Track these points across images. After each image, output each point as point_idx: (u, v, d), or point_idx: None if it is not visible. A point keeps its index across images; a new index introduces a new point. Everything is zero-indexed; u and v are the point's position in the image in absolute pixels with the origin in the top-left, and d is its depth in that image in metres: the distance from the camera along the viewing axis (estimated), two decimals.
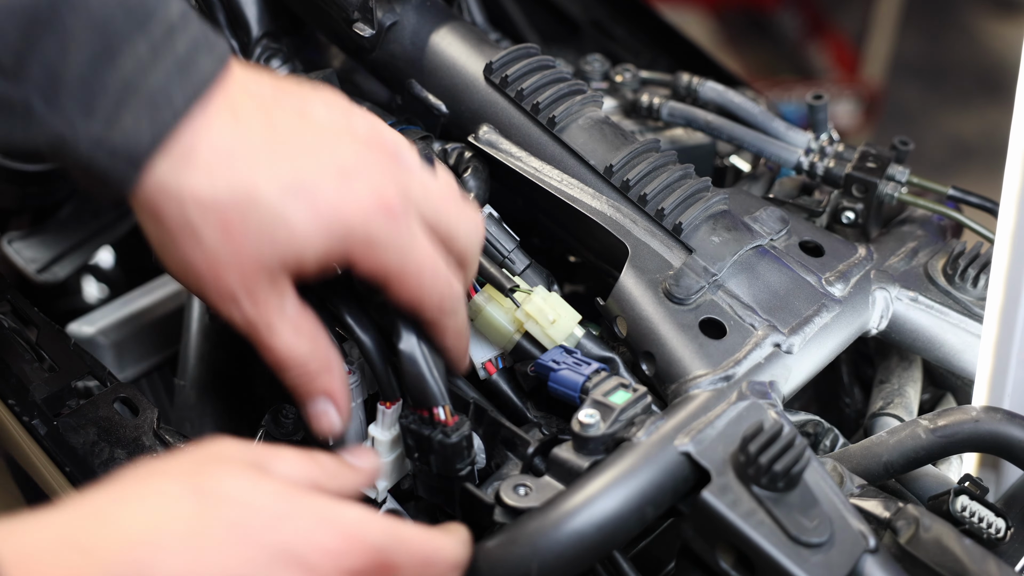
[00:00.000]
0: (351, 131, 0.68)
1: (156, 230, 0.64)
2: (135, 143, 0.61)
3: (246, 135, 0.63)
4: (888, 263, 0.92)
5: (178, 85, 0.62)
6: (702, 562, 0.70)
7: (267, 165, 0.63)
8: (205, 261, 0.63)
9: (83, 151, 0.61)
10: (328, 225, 0.63)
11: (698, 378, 0.77)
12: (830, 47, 3.47)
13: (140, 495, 0.57)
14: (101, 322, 1.16)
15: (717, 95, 1.08)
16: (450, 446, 0.72)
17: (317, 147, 0.65)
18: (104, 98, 0.60)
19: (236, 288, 0.64)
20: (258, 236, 0.62)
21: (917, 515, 0.73)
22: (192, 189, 0.62)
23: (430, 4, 0.96)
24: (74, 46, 0.60)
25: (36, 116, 0.60)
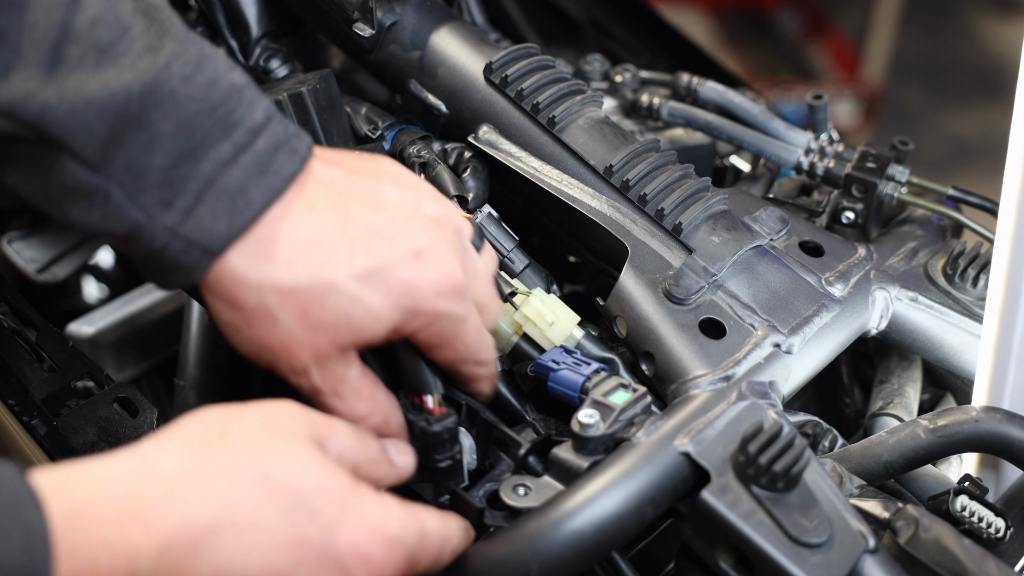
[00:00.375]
0: (421, 212, 0.71)
1: (230, 314, 0.67)
2: (210, 235, 0.64)
3: (322, 226, 0.67)
4: (888, 263, 0.92)
5: (256, 184, 0.65)
6: (702, 562, 0.70)
7: (344, 253, 0.66)
8: (280, 342, 0.67)
9: (158, 240, 0.64)
10: (401, 304, 0.67)
11: (698, 378, 0.77)
12: (830, 47, 3.47)
13: (209, 472, 0.59)
14: (101, 322, 1.16)
15: (717, 95, 1.08)
16: (431, 434, 0.72)
17: (390, 231, 0.68)
18: (184, 193, 0.63)
19: (309, 364, 0.68)
20: (335, 320, 0.66)
21: (917, 515, 0.73)
22: (271, 278, 0.65)
23: (430, 4, 0.96)
24: (159, 145, 0.63)
25: (114, 205, 0.63)
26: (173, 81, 0.62)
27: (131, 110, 0.61)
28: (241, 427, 0.62)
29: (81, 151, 0.61)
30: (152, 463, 0.58)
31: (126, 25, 0.62)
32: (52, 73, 0.60)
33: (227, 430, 0.61)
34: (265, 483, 0.59)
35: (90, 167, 0.62)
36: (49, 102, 0.60)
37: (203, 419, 0.62)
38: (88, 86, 0.60)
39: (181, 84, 0.63)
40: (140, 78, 0.61)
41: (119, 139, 0.62)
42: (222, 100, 0.64)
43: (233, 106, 0.65)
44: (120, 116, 0.61)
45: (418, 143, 0.91)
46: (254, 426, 0.62)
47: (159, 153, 0.63)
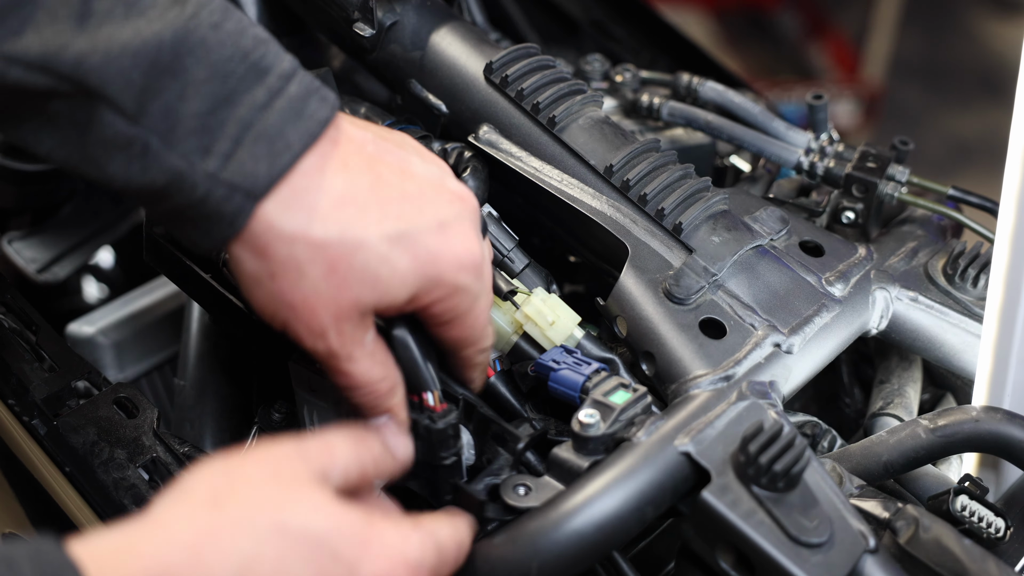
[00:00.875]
0: (446, 186, 0.72)
1: (255, 264, 0.66)
2: (252, 179, 0.64)
3: (355, 184, 0.67)
4: (888, 263, 0.92)
5: (293, 126, 0.65)
6: (702, 562, 0.70)
7: (375, 213, 0.67)
8: (303, 298, 0.66)
9: (199, 187, 0.63)
10: (424, 271, 0.68)
11: (698, 378, 0.77)
12: (830, 47, 3.48)
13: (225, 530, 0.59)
14: (101, 322, 1.16)
15: (717, 95, 1.08)
16: (435, 432, 0.72)
17: (419, 200, 0.69)
18: (222, 138, 0.63)
19: (327, 324, 0.67)
20: (361, 278, 0.66)
21: (917, 515, 0.73)
22: (305, 230, 0.65)
23: (430, 4, 0.96)
24: (194, 91, 0.63)
25: (153, 154, 0.63)
26: (203, 28, 0.63)
27: (164, 57, 0.62)
28: (247, 480, 0.62)
29: (118, 100, 0.61)
30: (170, 530, 0.58)
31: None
32: (83, 25, 0.60)
33: (233, 484, 0.61)
34: (283, 533, 0.59)
35: (127, 117, 0.62)
36: (83, 52, 0.60)
37: (206, 477, 0.62)
38: (120, 35, 0.60)
39: (211, 31, 0.63)
40: (170, 26, 0.62)
41: (154, 87, 0.62)
42: (252, 47, 0.65)
43: (263, 52, 0.65)
44: (154, 64, 0.61)
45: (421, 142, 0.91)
46: (258, 477, 0.62)
47: (194, 99, 0.63)
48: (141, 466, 0.82)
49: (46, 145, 0.64)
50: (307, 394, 0.79)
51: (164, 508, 0.60)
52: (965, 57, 3.62)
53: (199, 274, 0.85)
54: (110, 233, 1.31)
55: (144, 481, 0.81)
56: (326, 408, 0.79)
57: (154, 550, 0.57)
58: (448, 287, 0.69)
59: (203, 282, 0.85)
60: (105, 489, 0.80)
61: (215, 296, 0.84)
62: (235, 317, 0.84)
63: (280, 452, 0.64)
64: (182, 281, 0.88)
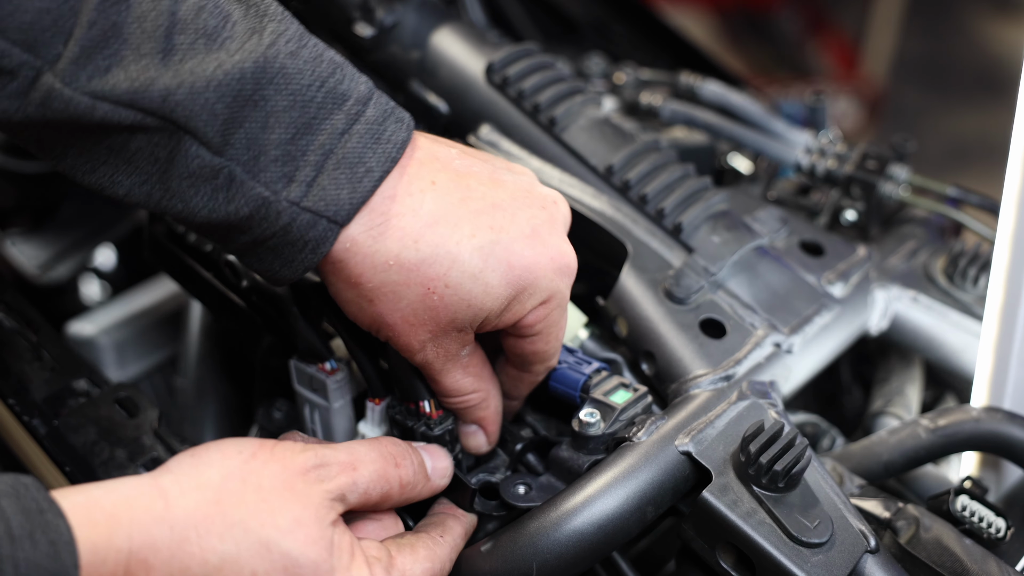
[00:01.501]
0: (537, 192, 0.72)
1: (352, 293, 0.67)
2: (335, 205, 0.64)
3: (445, 200, 0.67)
4: (888, 263, 0.92)
5: (372, 152, 0.66)
6: (702, 562, 0.70)
7: (467, 227, 0.67)
8: (402, 319, 0.67)
9: (283, 215, 0.64)
10: (519, 279, 0.68)
11: (698, 378, 0.77)
12: (830, 47, 3.47)
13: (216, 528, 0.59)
14: (101, 322, 1.16)
15: (717, 95, 1.08)
16: (433, 439, 0.72)
17: (511, 207, 0.69)
18: (304, 165, 0.64)
19: (427, 341, 0.69)
20: (457, 298, 0.67)
21: (917, 515, 0.73)
22: (397, 254, 0.66)
23: (430, 4, 0.96)
24: (275, 120, 0.64)
25: (237, 184, 0.64)
26: (281, 57, 0.64)
27: (246, 88, 0.62)
28: (259, 483, 0.62)
29: (203, 133, 0.62)
30: (170, 507, 0.59)
31: (226, 11, 0.64)
32: (167, 61, 0.61)
33: (245, 484, 0.62)
34: (266, 550, 0.60)
35: (212, 149, 0.63)
36: (169, 87, 0.61)
37: (226, 464, 0.62)
38: (203, 68, 0.61)
39: (289, 59, 0.64)
40: (250, 57, 0.62)
41: (238, 118, 0.63)
42: (329, 73, 0.65)
43: (340, 78, 0.66)
44: (237, 95, 0.62)
45: None
46: (270, 486, 0.62)
47: (276, 128, 0.64)
48: (141, 466, 0.82)
49: (124, 186, 0.65)
50: (309, 392, 0.79)
51: (174, 482, 0.61)
52: (965, 57, 3.62)
53: (200, 273, 0.85)
54: (110, 232, 1.32)
55: None
56: (327, 407, 0.79)
57: (148, 522, 0.58)
58: (543, 294, 0.69)
59: (205, 280, 0.85)
60: None
61: (216, 294, 0.84)
62: (236, 315, 0.84)
63: (301, 463, 0.64)
64: (184, 279, 0.88)
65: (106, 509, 0.57)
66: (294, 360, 0.79)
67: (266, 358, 0.85)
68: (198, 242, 0.85)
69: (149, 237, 0.89)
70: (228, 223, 0.65)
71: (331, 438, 0.80)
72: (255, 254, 0.67)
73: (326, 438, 0.81)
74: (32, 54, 0.59)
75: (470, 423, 0.74)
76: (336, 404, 0.79)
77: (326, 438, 0.81)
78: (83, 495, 0.57)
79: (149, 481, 0.60)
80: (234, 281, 0.82)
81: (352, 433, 0.80)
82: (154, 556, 0.57)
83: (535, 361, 0.73)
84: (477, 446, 0.75)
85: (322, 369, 0.78)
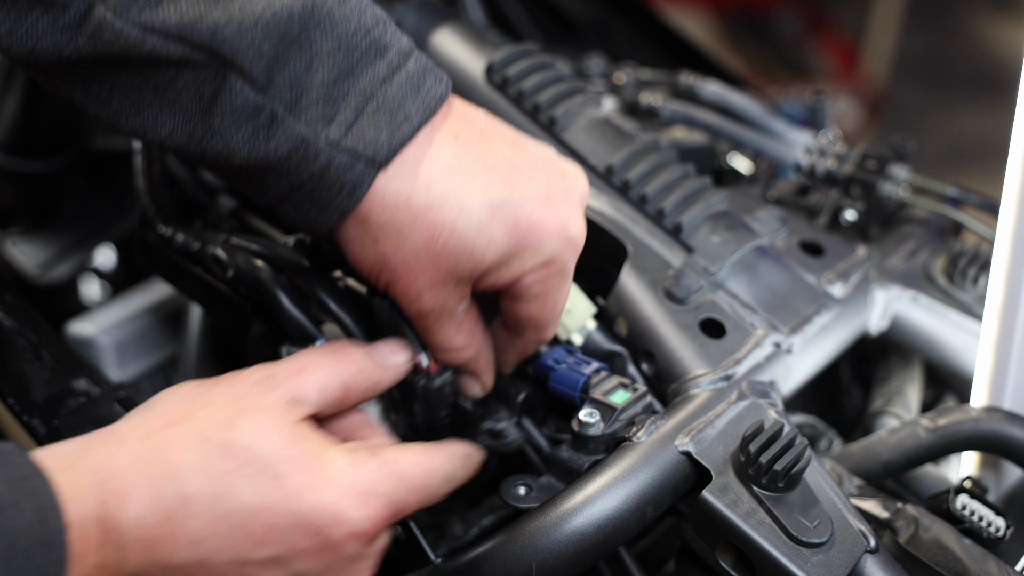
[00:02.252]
0: (559, 162, 0.73)
1: (358, 230, 0.68)
2: (374, 146, 0.65)
3: (465, 153, 0.68)
4: (888, 263, 0.92)
5: (412, 100, 0.67)
6: (702, 562, 0.70)
7: (481, 180, 0.68)
8: (404, 262, 0.68)
9: (322, 155, 0.65)
10: (522, 238, 0.68)
11: (698, 377, 0.77)
12: (830, 47, 3.48)
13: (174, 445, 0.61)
14: (101, 322, 1.16)
15: (717, 95, 1.08)
16: (433, 391, 0.73)
17: (529, 171, 0.70)
18: (344, 108, 0.65)
19: (424, 288, 0.69)
20: (460, 247, 0.67)
21: (917, 515, 0.73)
22: (408, 196, 0.66)
23: (430, 4, 0.96)
24: (319, 62, 0.65)
25: (279, 122, 0.64)
26: (329, 3, 0.65)
27: (293, 29, 0.63)
28: (208, 403, 0.63)
29: (249, 70, 0.63)
30: (124, 441, 0.61)
31: None
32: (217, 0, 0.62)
33: (195, 404, 0.63)
34: (228, 451, 0.61)
35: (257, 87, 0.64)
36: (218, 22, 0.62)
37: (173, 394, 0.65)
38: (252, 7, 0.62)
39: (337, 5, 0.65)
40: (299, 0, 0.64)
41: (283, 57, 0.64)
42: (373, 23, 0.66)
43: (383, 29, 0.67)
44: (284, 35, 0.63)
45: None
46: (220, 401, 0.64)
47: (320, 70, 0.65)
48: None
49: (167, 127, 0.66)
50: None
51: (125, 422, 0.63)
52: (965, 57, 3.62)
53: (190, 269, 0.85)
54: (110, 232, 1.32)
55: None
56: None
57: (106, 456, 0.59)
58: (544, 256, 0.69)
59: (195, 276, 0.85)
60: None
61: (207, 288, 0.85)
62: (226, 305, 0.84)
63: (248, 378, 0.66)
64: (175, 278, 0.89)
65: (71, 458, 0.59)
66: (285, 345, 0.80)
67: (257, 347, 0.85)
68: (186, 243, 0.85)
69: (140, 243, 0.89)
70: (267, 163, 0.66)
71: None
72: (291, 200, 0.68)
73: None
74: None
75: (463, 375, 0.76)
76: None
77: None
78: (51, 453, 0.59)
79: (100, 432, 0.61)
80: (220, 273, 0.83)
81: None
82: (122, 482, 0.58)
83: (528, 326, 0.73)
84: (471, 391, 0.76)
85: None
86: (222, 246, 0.82)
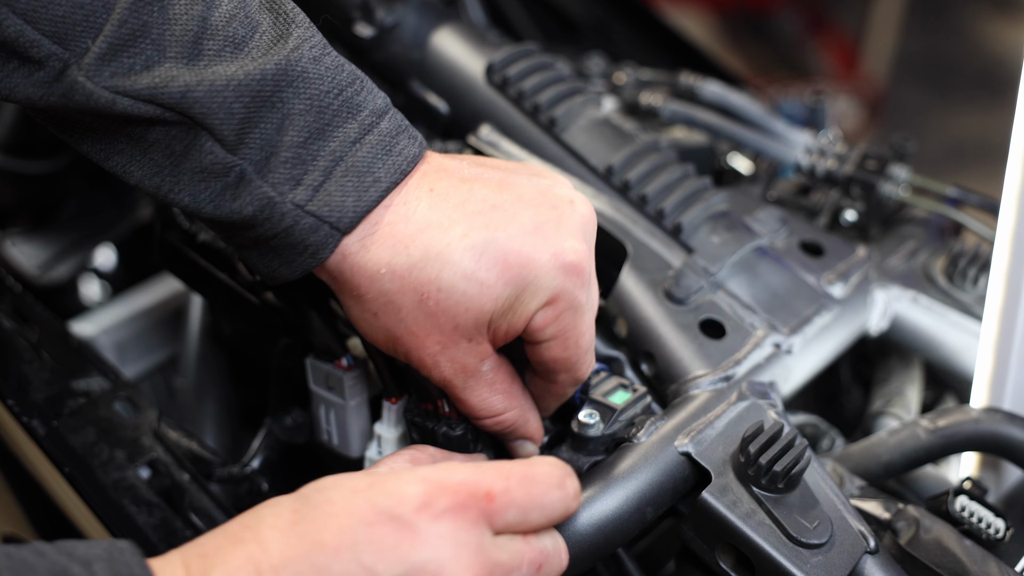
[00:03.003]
0: (553, 192, 0.68)
1: (357, 308, 0.67)
2: (339, 212, 0.64)
3: (442, 206, 0.66)
4: (888, 263, 0.92)
5: (382, 162, 0.65)
6: (702, 562, 0.69)
7: (460, 228, 0.65)
8: (408, 331, 0.66)
9: (287, 217, 0.64)
10: (516, 278, 0.65)
11: (698, 378, 0.77)
12: (830, 47, 3.48)
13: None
14: (101, 322, 1.16)
15: (717, 95, 1.08)
16: (455, 439, 0.71)
17: (513, 207, 0.66)
18: (313, 170, 0.64)
19: (438, 353, 0.66)
20: (452, 301, 0.64)
21: (917, 516, 0.73)
22: (388, 261, 0.65)
23: (430, 4, 0.96)
24: (290, 122, 0.64)
25: (246, 183, 0.64)
26: (304, 61, 0.64)
27: (266, 89, 0.63)
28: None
29: (220, 131, 0.63)
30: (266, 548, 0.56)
31: (256, 21, 0.64)
32: (193, 64, 0.62)
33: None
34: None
35: (227, 147, 0.63)
36: (190, 84, 0.61)
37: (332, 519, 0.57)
38: (225, 69, 0.62)
39: (311, 64, 0.64)
40: (273, 60, 0.63)
41: (254, 118, 0.63)
42: (348, 82, 0.66)
43: (358, 88, 0.66)
44: (256, 95, 0.63)
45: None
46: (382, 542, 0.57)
47: (291, 131, 0.64)
48: (141, 466, 0.82)
49: (136, 176, 0.65)
50: (324, 391, 0.79)
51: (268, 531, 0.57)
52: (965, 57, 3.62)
53: (215, 274, 0.84)
54: (110, 232, 1.32)
55: (143, 482, 0.81)
56: (343, 405, 0.79)
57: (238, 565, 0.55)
58: (547, 291, 0.65)
59: (220, 282, 0.85)
60: (104, 490, 0.80)
61: (232, 296, 0.84)
62: (252, 316, 0.84)
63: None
64: (197, 283, 0.88)
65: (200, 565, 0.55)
66: (310, 358, 0.79)
67: (282, 360, 0.85)
68: (211, 241, 0.85)
69: (161, 242, 0.88)
70: (232, 219, 0.65)
71: (346, 438, 0.80)
72: (257, 250, 0.67)
73: (341, 438, 0.80)
74: (61, 46, 0.60)
75: (516, 440, 0.72)
76: (352, 402, 0.78)
77: (341, 438, 0.80)
78: (179, 556, 0.55)
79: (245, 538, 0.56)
80: (250, 279, 0.82)
81: (368, 433, 0.80)
82: None
83: (557, 369, 0.69)
84: (525, 455, 0.72)
85: (339, 366, 0.78)
86: None
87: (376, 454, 0.77)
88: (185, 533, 0.76)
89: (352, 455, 0.80)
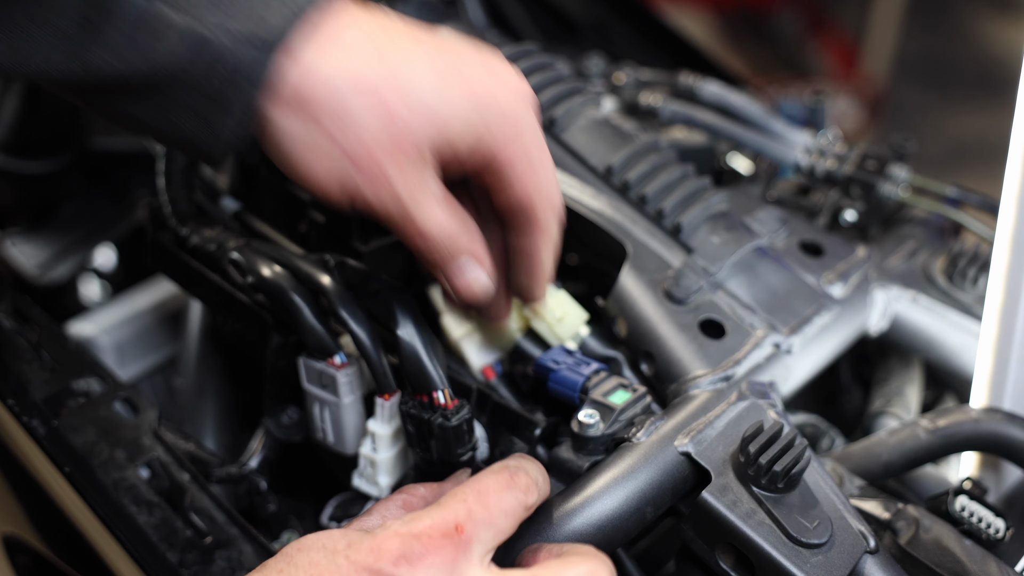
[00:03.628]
0: (485, 48, 0.69)
1: (301, 127, 0.63)
2: (265, 26, 0.61)
3: (387, 25, 0.64)
4: (888, 263, 0.92)
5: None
6: (702, 562, 0.70)
7: (419, 50, 0.64)
8: (360, 143, 0.63)
9: (216, 44, 0.60)
10: (483, 106, 0.65)
11: (698, 378, 0.77)
12: (830, 47, 3.48)
13: None
14: (102, 322, 1.16)
15: (717, 95, 1.08)
16: (450, 429, 0.71)
17: (460, 47, 0.67)
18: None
19: (388, 166, 0.64)
20: (417, 114, 0.63)
21: (917, 516, 0.73)
22: (350, 69, 0.62)
23: (430, 4, 0.96)
24: None
25: (167, 23, 0.60)
26: None
27: None
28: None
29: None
30: None
31: None
32: None
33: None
34: None
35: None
36: None
37: None
38: None
39: None
40: None
41: None
42: None
43: None
44: None
45: None
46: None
47: None
48: (141, 466, 0.82)
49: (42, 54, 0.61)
50: (318, 390, 0.79)
51: None
52: (965, 57, 3.62)
53: (207, 275, 0.84)
54: (110, 232, 1.32)
55: (144, 481, 0.81)
56: (337, 403, 0.79)
57: None
58: (510, 123, 0.66)
59: (211, 283, 0.85)
60: (104, 489, 0.80)
61: (223, 296, 0.84)
62: (244, 315, 0.84)
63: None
64: (189, 284, 0.88)
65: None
66: (303, 357, 0.79)
67: (275, 359, 0.85)
68: (202, 245, 0.85)
69: (152, 244, 0.88)
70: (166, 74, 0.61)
71: (342, 435, 0.80)
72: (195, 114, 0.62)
73: (336, 436, 0.80)
74: None
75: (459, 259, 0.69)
76: (346, 400, 0.79)
77: (336, 436, 0.80)
78: None
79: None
80: (240, 280, 0.82)
81: (362, 431, 0.80)
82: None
83: (525, 213, 0.69)
84: (476, 278, 0.70)
85: (331, 364, 0.78)
86: (240, 250, 0.81)
87: (371, 451, 0.77)
88: (185, 533, 0.76)
89: (348, 452, 0.81)
